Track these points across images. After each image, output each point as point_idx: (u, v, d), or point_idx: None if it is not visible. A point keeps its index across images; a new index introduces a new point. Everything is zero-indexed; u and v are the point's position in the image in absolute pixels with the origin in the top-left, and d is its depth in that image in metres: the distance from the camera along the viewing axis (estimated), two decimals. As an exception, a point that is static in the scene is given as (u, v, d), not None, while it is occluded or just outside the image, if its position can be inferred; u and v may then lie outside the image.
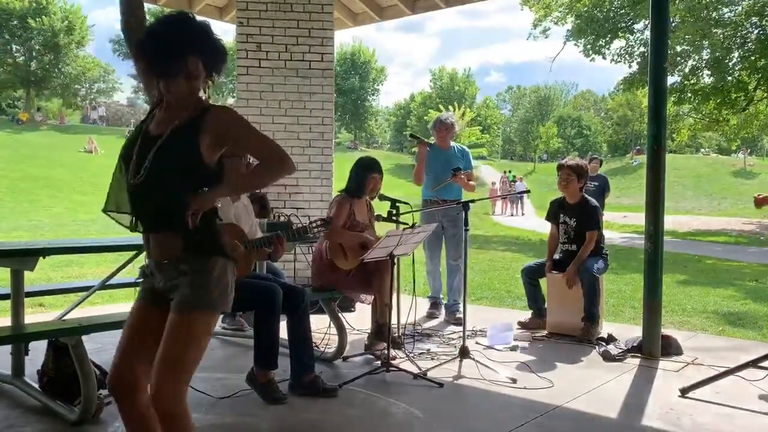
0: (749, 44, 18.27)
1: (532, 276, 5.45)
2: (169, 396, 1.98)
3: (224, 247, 2.14)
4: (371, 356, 4.44)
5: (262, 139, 2.16)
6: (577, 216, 5.30)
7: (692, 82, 19.43)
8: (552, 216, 5.50)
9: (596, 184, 11.19)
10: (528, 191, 7.10)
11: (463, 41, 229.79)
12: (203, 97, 2.16)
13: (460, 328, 4.43)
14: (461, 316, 5.70)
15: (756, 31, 18.26)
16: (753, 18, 18.04)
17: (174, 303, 2.04)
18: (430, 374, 4.00)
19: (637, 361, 4.42)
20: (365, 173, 4.55)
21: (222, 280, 2.09)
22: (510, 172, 39.64)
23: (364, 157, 4.78)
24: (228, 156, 2.17)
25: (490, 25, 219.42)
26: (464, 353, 4.28)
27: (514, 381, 3.91)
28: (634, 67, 20.77)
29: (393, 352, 4.22)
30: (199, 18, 2.14)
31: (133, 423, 2.15)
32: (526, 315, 5.54)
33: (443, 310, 5.93)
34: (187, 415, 2.03)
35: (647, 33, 16.23)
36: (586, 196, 5.39)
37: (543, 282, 5.48)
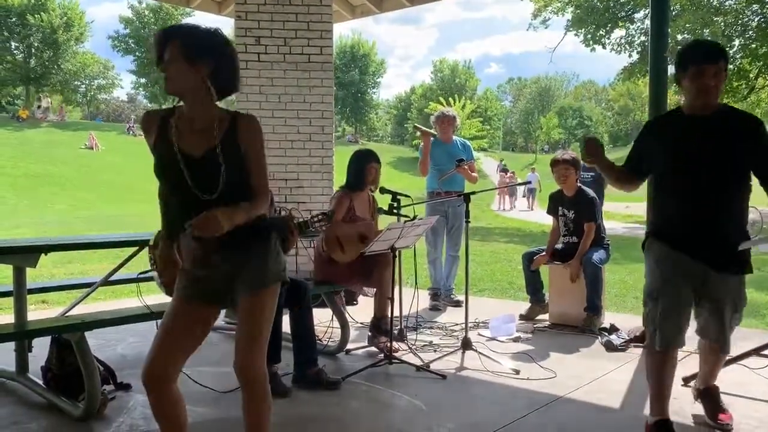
0: (750, 32, 18.19)
1: (531, 261, 5.46)
2: (256, 366, 2.29)
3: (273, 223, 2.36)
4: (374, 349, 4.45)
5: (265, 167, 2.28)
6: (575, 208, 5.30)
7: (693, 70, 19.35)
8: (552, 209, 5.51)
9: (592, 174, 11.15)
10: (528, 182, 7.12)
11: (462, 33, 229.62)
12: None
13: (462, 321, 4.43)
14: (458, 299, 5.85)
15: (757, 19, 18.17)
16: (754, 5, 17.95)
17: (244, 287, 2.24)
18: (432, 366, 4.01)
19: (639, 350, 4.42)
20: (363, 163, 4.55)
21: (279, 253, 2.34)
22: (502, 161, 39.72)
23: (359, 149, 4.82)
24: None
25: (489, 16, 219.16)
26: (467, 345, 4.28)
27: (516, 372, 3.92)
28: (635, 56, 20.72)
29: (395, 345, 4.23)
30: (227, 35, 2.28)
31: (163, 412, 2.26)
32: (528, 306, 5.55)
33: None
34: (267, 378, 2.34)
35: (647, 22, 16.18)
36: (583, 187, 5.40)
37: (542, 269, 5.50)
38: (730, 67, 18.63)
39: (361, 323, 5.05)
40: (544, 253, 5.40)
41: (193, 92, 2.17)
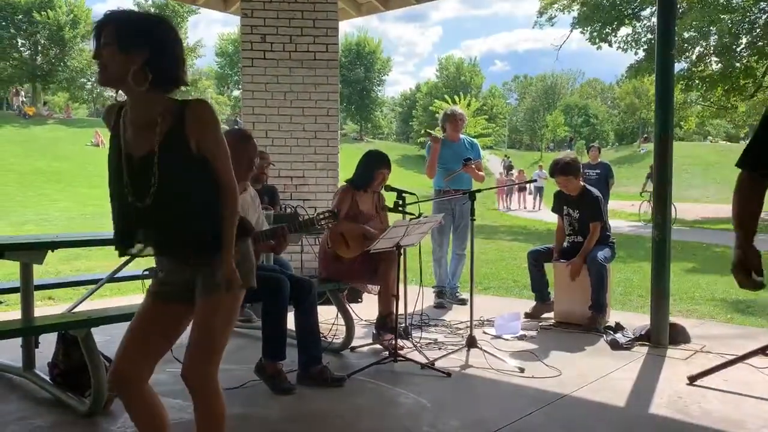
0: (757, 30, 18.11)
1: (537, 259, 5.45)
2: (201, 375, 2.10)
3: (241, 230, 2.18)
4: (379, 346, 4.46)
5: (227, 158, 2.08)
6: (580, 207, 5.29)
7: (700, 68, 19.29)
8: (557, 208, 5.50)
9: (598, 172, 11.16)
10: (534, 180, 7.12)
11: (466, 30, 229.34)
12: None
13: (467, 319, 4.43)
14: (463, 297, 5.85)
15: (764, 17, 18.09)
16: (761, 3, 17.87)
17: (200, 288, 2.10)
18: (437, 364, 4.01)
19: (645, 349, 4.42)
20: (374, 168, 4.54)
21: (244, 260, 2.18)
22: (507, 157, 39.56)
23: (374, 151, 4.75)
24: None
25: (493, 13, 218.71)
26: (471, 343, 4.28)
27: (521, 370, 3.92)
28: (641, 54, 20.64)
29: (400, 343, 4.23)
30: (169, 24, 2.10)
31: (138, 413, 2.16)
32: (533, 304, 5.54)
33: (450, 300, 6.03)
34: (218, 393, 2.14)
35: (654, 20, 16.10)
36: (587, 186, 5.37)
37: (547, 268, 5.49)
38: (737, 65, 18.58)
39: (366, 321, 5.06)
40: (554, 256, 5.37)
41: (128, 83, 1.98)
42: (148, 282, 2.77)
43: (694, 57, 19.43)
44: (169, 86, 2.06)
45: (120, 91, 2.05)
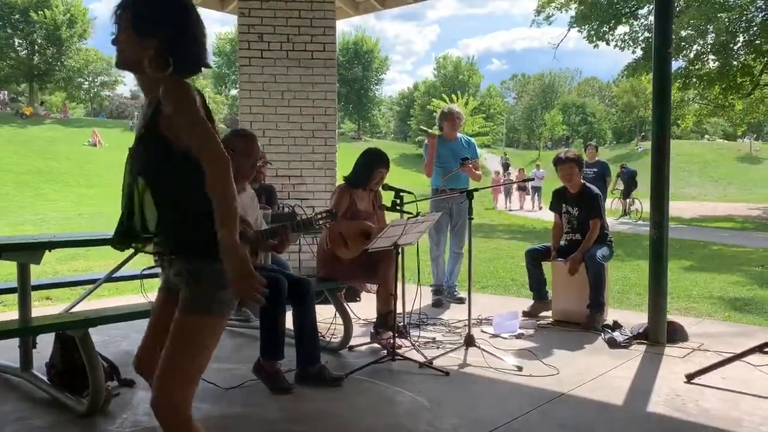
0: (754, 28, 18.14)
1: (535, 257, 5.46)
2: (167, 401, 1.89)
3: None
4: (377, 345, 4.45)
5: (200, 131, 1.86)
6: (579, 205, 5.29)
7: (697, 67, 19.31)
8: (555, 206, 5.51)
9: (595, 170, 11.21)
10: (531, 179, 7.12)
11: (463, 29, 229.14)
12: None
13: (465, 317, 4.43)
14: (461, 296, 5.85)
15: (761, 15, 18.11)
16: (758, 1, 17.90)
17: (180, 300, 1.95)
18: (435, 363, 4.01)
19: (642, 347, 4.42)
20: (373, 166, 4.53)
21: (223, 283, 1.89)
22: (505, 154, 39.59)
23: (373, 149, 4.74)
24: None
25: (490, 12, 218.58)
26: (470, 342, 4.28)
27: (519, 369, 3.92)
28: (639, 52, 20.65)
29: (398, 342, 4.23)
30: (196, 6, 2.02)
31: None
32: (531, 303, 5.55)
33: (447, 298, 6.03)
34: (186, 419, 1.91)
35: (651, 18, 16.10)
36: (587, 184, 5.39)
37: (546, 266, 5.50)
38: (734, 63, 18.60)
39: (364, 320, 5.06)
40: (552, 254, 5.38)
41: (143, 67, 1.91)
42: (147, 282, 2.75)
43: (691, 55, 19.45)
44: (190, 70, 1.98)
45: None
